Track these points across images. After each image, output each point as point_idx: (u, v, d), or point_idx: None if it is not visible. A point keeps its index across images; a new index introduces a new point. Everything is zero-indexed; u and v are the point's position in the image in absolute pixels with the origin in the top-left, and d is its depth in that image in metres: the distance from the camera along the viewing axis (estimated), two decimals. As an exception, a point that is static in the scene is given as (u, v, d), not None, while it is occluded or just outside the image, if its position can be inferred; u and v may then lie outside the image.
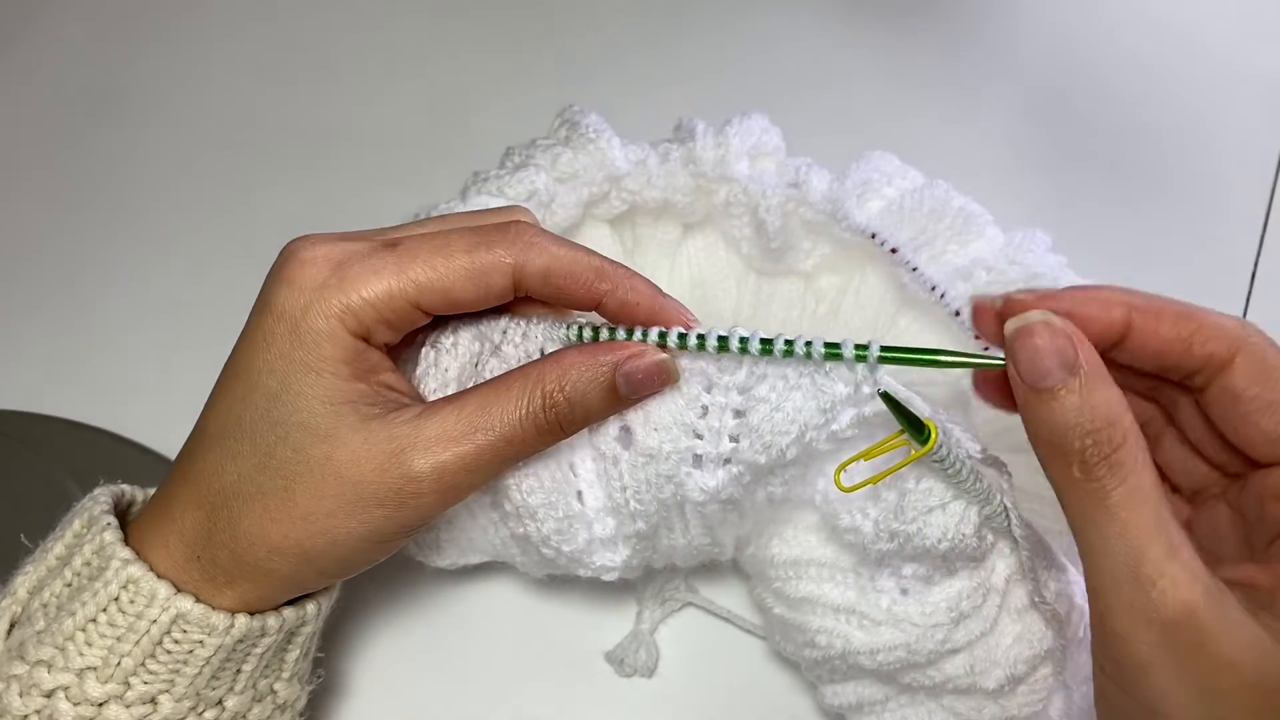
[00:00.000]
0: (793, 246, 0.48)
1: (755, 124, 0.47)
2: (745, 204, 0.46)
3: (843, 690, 0.41)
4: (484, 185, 0.45)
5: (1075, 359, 0.29)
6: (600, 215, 0.47)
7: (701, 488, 0.36)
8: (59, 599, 0.34)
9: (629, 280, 0.35)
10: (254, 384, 0.34)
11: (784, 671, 0.47)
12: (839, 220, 0.45)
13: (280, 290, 0.34)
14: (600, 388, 0.34)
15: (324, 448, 0.33)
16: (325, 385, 0.33)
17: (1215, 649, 0.28)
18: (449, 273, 0.33)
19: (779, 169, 0.47)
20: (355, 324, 0.33)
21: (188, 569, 0.34)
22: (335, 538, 0.33)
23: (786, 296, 0.50)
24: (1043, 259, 0.45)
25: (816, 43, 0.70)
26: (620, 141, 0.46)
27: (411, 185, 0.51)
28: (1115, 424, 0.29)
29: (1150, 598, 0.28)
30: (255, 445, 0.33)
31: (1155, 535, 0.28)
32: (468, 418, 0.33)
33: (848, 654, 0.39)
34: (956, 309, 0.45)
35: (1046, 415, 0.30)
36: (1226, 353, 0.31)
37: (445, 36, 0.70)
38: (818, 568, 0.39)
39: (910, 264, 0.45)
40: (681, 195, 0.47)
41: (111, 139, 0.65)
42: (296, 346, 0.33)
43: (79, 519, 0.36)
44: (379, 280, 0.33)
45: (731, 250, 0.50)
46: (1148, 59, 0.69)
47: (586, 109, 0.47)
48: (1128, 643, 0.29)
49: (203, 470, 0.34)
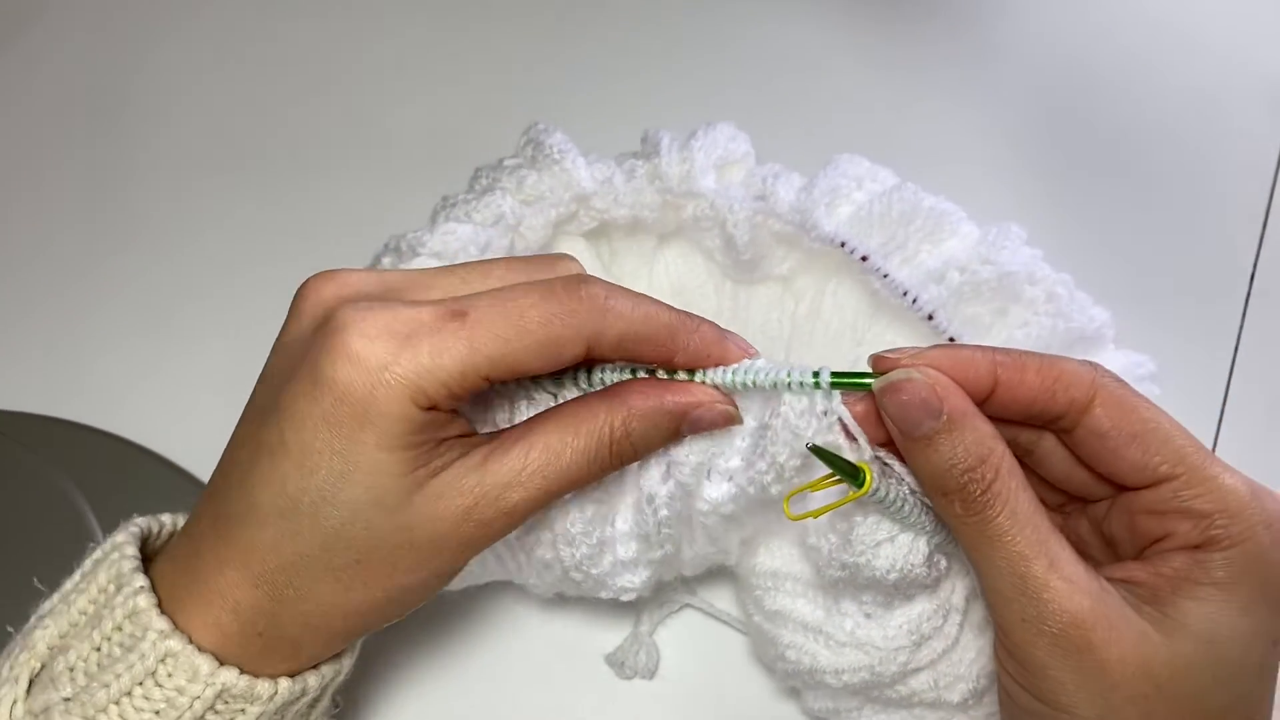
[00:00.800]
0: (765, 255, 0.47)
1: (721, 134, 0.47)
2: (713, 218, 0.46)
3: (819, 695, 0.42)
4: (452, 211, 0.45)
5: (939, 406, 0.32)
6: (573, 231, 0.48)
7: (706, 498, 0.36)
8: (87, 665, 0.33)
9: (698, 332, 0.35)
10: (314, 465, 0.31)
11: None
12: (807, 231, 0.45)
13: (342, 368, 0.31)
14: (664, 433, 0.35)
15: (397, 519, 0.32)
16: (395, 460, 0.31)
17: (1103, 648, 0.30)
18: (521, 348, 0.32)
19: (747, 179, 0.47)
20: (425, 401, 0.31)
21: (246, 646, 0.33)
22: (409, 587, 0.34)
23: (765, 299, 0.50)
24: (1016, 254, 0.44)
25: (814, 43, 0.70)
26: (585, 160, 0.47)
27: (416, 190, 0.51)
28: (987, 460, 0.32)
29: (1039, 610, 0.31)
30: (317, 524, 0.32)
31: (1036, 554, 0.31)
32: (537, 461, 0.33)
33: (814, 671, 0.39)
34: (929, 313, 0.44)
35: (924, 461, 0.32)
36: (1085, 396, 0.33)
37: (449, 41, 0.70)
38: (793, 582, 0.40)
39: (881, 270, 0.45)
40: (649, 211, 0.47)
41: (112, 140, 0.66)
42: (365, 428, 0.31)
43: (104, 571, 0.34)
44: (450, 358, 0.31)
45: (707, 258, 0.50)
46: (1147, 58, 0.69)
47: (551, 127, 0.47)
48: (1026, 651, 0.32)
49: (255, 546, 0.33)
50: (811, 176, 0.46)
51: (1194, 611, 0.31)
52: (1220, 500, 0.31)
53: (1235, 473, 0.33)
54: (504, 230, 0.45)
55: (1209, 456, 0.32)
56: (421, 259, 0.44)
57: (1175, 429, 0.33)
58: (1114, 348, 0.44)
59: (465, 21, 0.72)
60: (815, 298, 0.49)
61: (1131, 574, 0.33)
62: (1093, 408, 0.33)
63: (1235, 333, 0.58)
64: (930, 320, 0.44)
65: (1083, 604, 0.31)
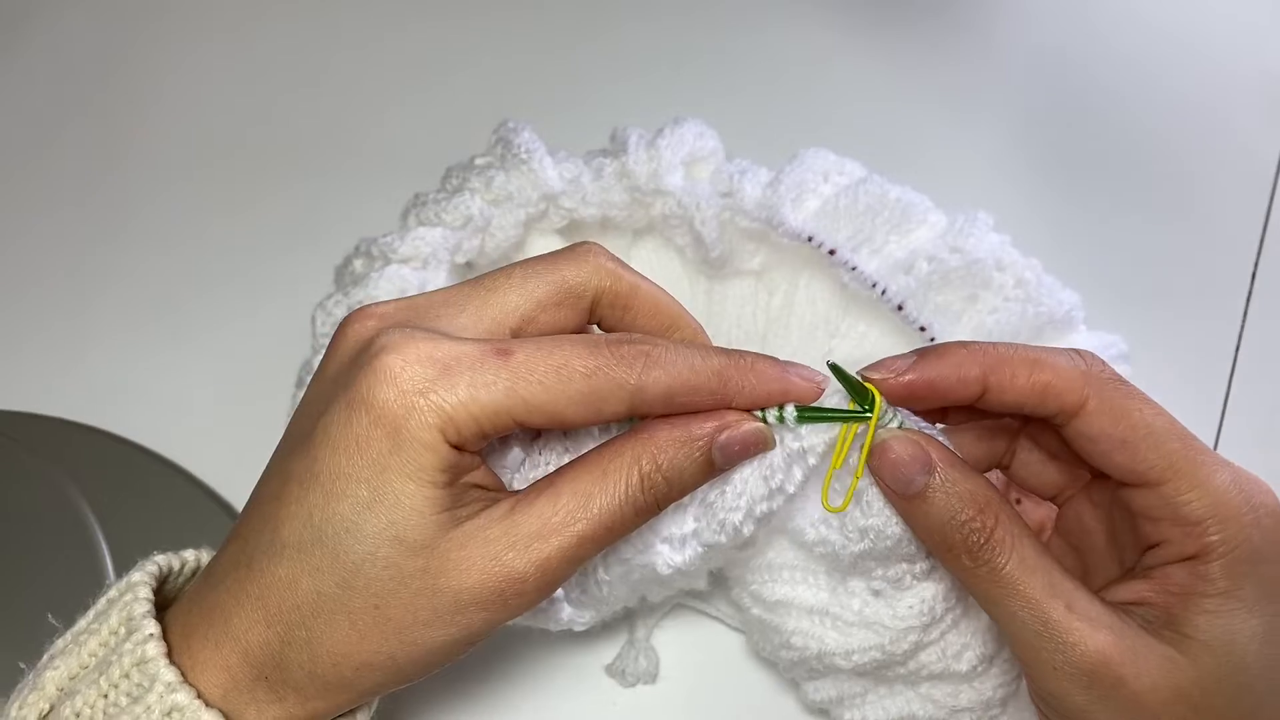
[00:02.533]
0: (735, 252, 0.47)
1: (688, 131, 0.47)
2: (681, 216, 0.47)
3: (822, 685, 0.41)
4: (422, 211, 0.46)
5: (930, 460, 0.32)
6: (546, 229, 0.48)
7: (668, 563, 0.35)
8: (94, 712, 0.32)
9: (753, 370, 0.33)
10: (340, 491, 0.31)
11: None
12: (774, 227, 0.45)
13: (381, 389, 0.30)
14: (697, 464, 0.32)
15: (418, 561, 0.31)
16: (423, 496, 0.30)
17: (1134, 681, 0.30)
18: (563, 397, 0.31)
19: (714, 176, 0.47)
20: (455, 436, 0.30)
21: (253, 691, 0.32)
22: (430, 647, 0.32)
23: (739, 294, 0.50)
24: (984, 241, 0.44)
25: (812, 43, 0.70)
26: (553, 159, 0.47)
27: (413, 188, 0.51)
28: (986, 508, 0.32)
29: (1066, 655, 0.31)
30: (337, 560, 0.31)
31: (1052, 597, 0.31)
32: (565, 508, 0.31)
33: (823, 655, 0.38)
34: (899, 303, 0.44)
35: (923, 517, 0.32)
36: (1077, 401, 0.32)
37: (450, 40, 0.70)
38: (790, 570, 0.39)
39: (849, 263, 0.45)
40: (617, 210, 0.47)
41: (112, 139, 0.66)
42: (395, 454, 0.30)
43: (116, 613, 0.33)
44: (488, 396, 0.30)
45: (680, 254, 0.50)
46: (1148, 60, 0.68)
47: (520, 125, 0.48)
48: (1062, 699, 0.32)
49: (273, 583, 0.31)
50: (777, 171, 0.46)
51: (1207, 625, 0.31)
52: (1210, 506, 0.31)
53: (1226, 468, 0.32)
54: (473, 231, 0.46)
55: (1200, 456, 0.32)
56: (393, 266, 0.45)
57: (1168, 430, 0.32)
58: (1085, 329, 0.43)
59: (445, 19, 0.71)
60: (789, 291, 0.48)
61: (1141, 595, 0.33)
62: (1083, 412, 0.32)
63: (1236, 333, 0.57)
64: (900, 310, 0.44)
65: (1108, 640, 0.31)
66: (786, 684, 0.46)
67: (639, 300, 0.35)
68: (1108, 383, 0.33)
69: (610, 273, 0.34)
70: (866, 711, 0.40)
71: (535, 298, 0.34)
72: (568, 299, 0.34)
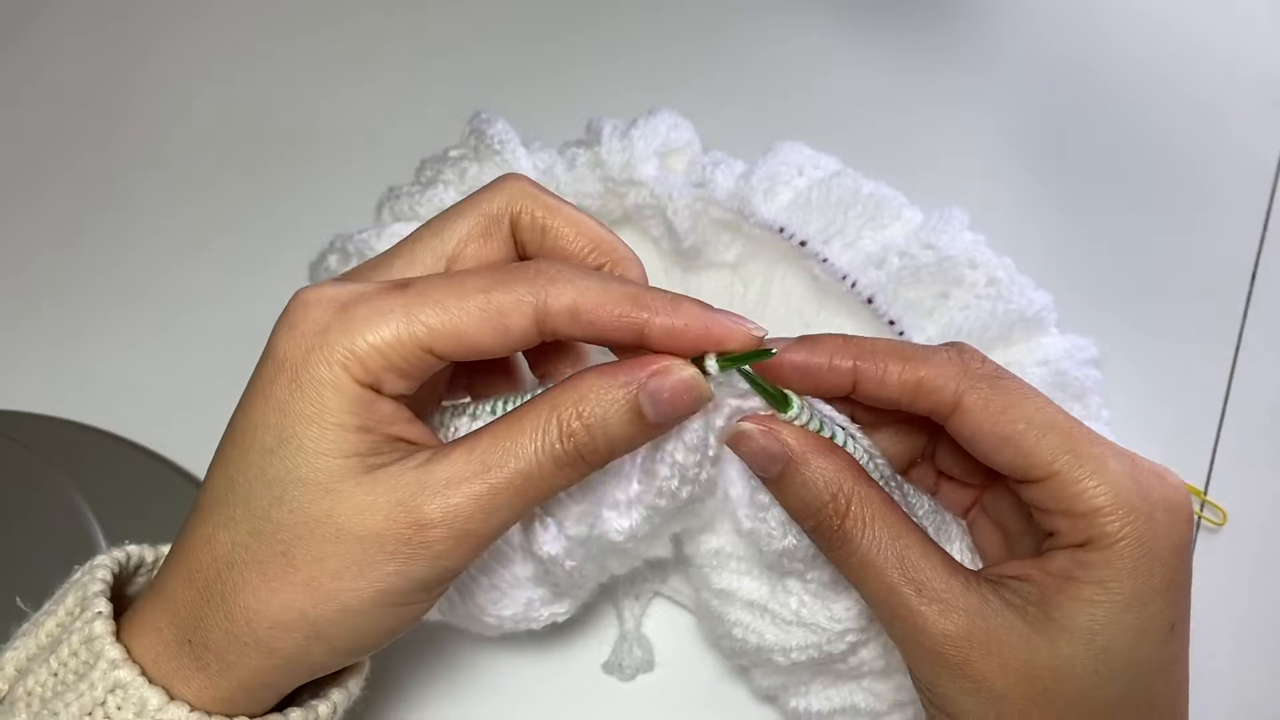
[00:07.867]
0: (708, 242, 0.47)
1: (662, 122, 0.47)
2: (654, 206, 0.46)
3: (769, 673, 0.41)
4: (396, 204, 0.46)
5: (781, 451, 0.32)
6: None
7: (618, 530, 0.35)
8: (44, 689, 0.32)
9: (673, 305, 0.31)
10: (250, 441, 0.31)
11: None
12: (745, 217, 0.45)
13: (281, 335, 0.30)
14: (622, 412, 0.30)
15: (324, 504, 0.30)
16: (328, 438, 0.30)
17: (982, 661, 0.31)
18: (462, 314, 0.30)
19: (689, 167, 0.47)
20: (362, 372, 0.30)
21: (179, 656, 0.31)
22: (344, 602, 0.30)
23: (714, 286, 0.49)
24: (957, 239, 0.43)
25: (798, 36, 0.69)
26: (527, 150, 0.47)
27: (392, 177, 0.51)
28: (837, 496, 0.32)
29: (914, 635, 0.31)
30: (249, 509, 0.30)
31: (902, 583, 0.31)
32: (479, 456, 0.30)
33: (761, 649, 0.38)
34: (869, 296, 0.43)
35: (783, 500, 0.33)
36: (950, 401, 0.32)
37: (424, 31, 0.70)
38: (737, 561, 0.38)
39: (820, 255, 0.44)
40: (591, 200, 0.47)
41: (114, 140, 0.66)
42: (296, 397, 0.30)
43: (73, 594, 0.33)
44: (386, 323, 0.30)
45: (655, 245, 0.50)
46: (1148, 60, 0.67)
47: (493, 116, 0.48)
48: (917, 671, 0.32)
49: (194, 542, 0.31)
50: (751, 163, 0.46)
51: (1075, 611, 0.31)
52: (1097, 499, 0.31)
53: (1121, 458, 0.31)
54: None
55: (1088, 449, 0.31)
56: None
57: (1052, 425, 0.31)
58: (1057, 331, 0.42)
59: (418, 10, 0.71)
60: (764, 284, 0.48)
61: (1025, 571, 0.32)
62: (959, 410, 0.32)
63: (1236, 333, 0.56)
64: (870, 304, 0.44)
65: (956, 623, 0.31)
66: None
67: (559, 220, 0.34)
68: (985, 379, 0.32)
69: (528, 194, 0.34)
70: (810, 701, 0.40)
71: (459, 234, 0.33)
72: (490, 228, 0.34)
